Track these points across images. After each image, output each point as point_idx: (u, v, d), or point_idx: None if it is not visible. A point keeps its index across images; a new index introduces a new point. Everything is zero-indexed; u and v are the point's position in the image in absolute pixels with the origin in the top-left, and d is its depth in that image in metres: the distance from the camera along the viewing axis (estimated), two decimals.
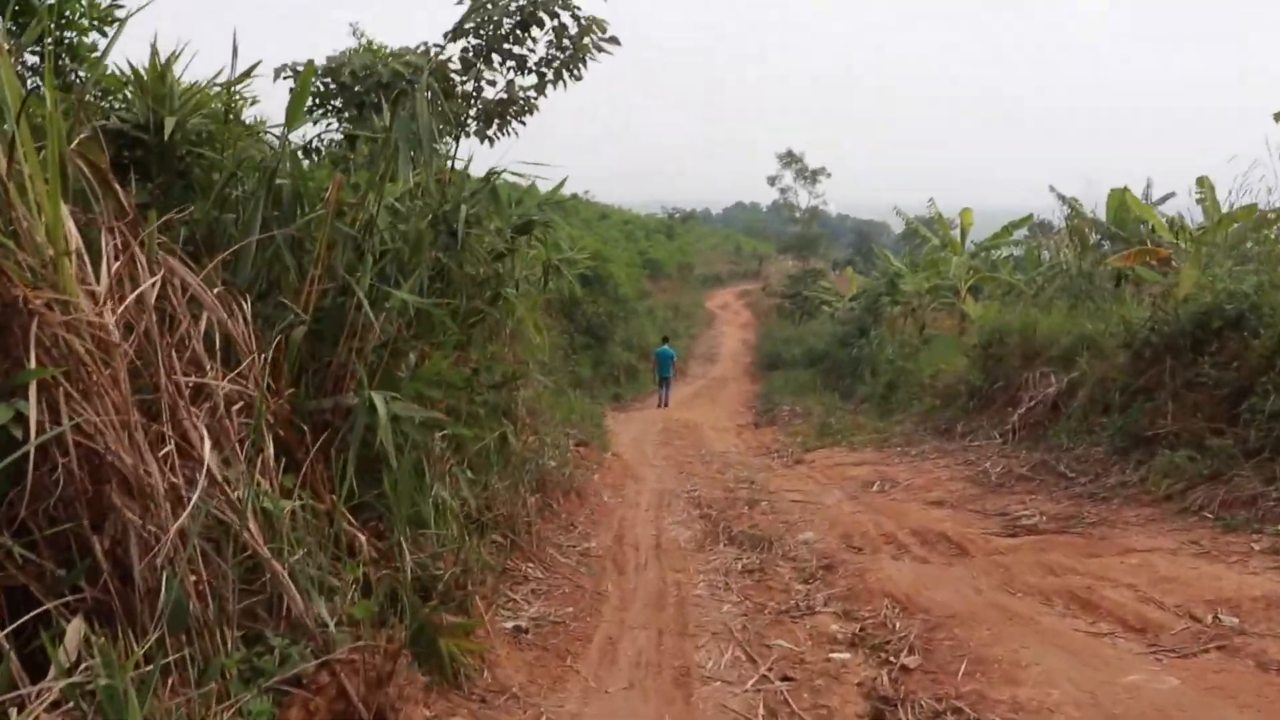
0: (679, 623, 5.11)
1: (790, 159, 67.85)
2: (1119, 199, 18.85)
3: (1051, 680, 3.86)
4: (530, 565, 5.63)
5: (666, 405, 20.48)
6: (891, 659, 4.39)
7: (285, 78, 7.37)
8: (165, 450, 2.88)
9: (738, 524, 8.20)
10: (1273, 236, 11.04)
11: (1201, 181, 13.90)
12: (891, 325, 22.22)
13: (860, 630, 4.91)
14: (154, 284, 3.06)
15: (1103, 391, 9.09)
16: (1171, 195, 18.49)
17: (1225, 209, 12.48)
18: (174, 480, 2.84)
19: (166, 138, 4.13)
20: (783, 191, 68.42)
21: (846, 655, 4.58)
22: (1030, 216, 19.07)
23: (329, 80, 7.55)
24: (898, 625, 4.89)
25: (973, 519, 7.55)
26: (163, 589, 2.63)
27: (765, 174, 66.79)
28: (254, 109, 5.06)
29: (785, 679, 4.26)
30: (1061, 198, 19.65)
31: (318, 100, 7.60)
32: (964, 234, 19.44)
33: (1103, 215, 19.12)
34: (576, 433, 11.16)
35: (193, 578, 2.75)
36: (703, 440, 15.78)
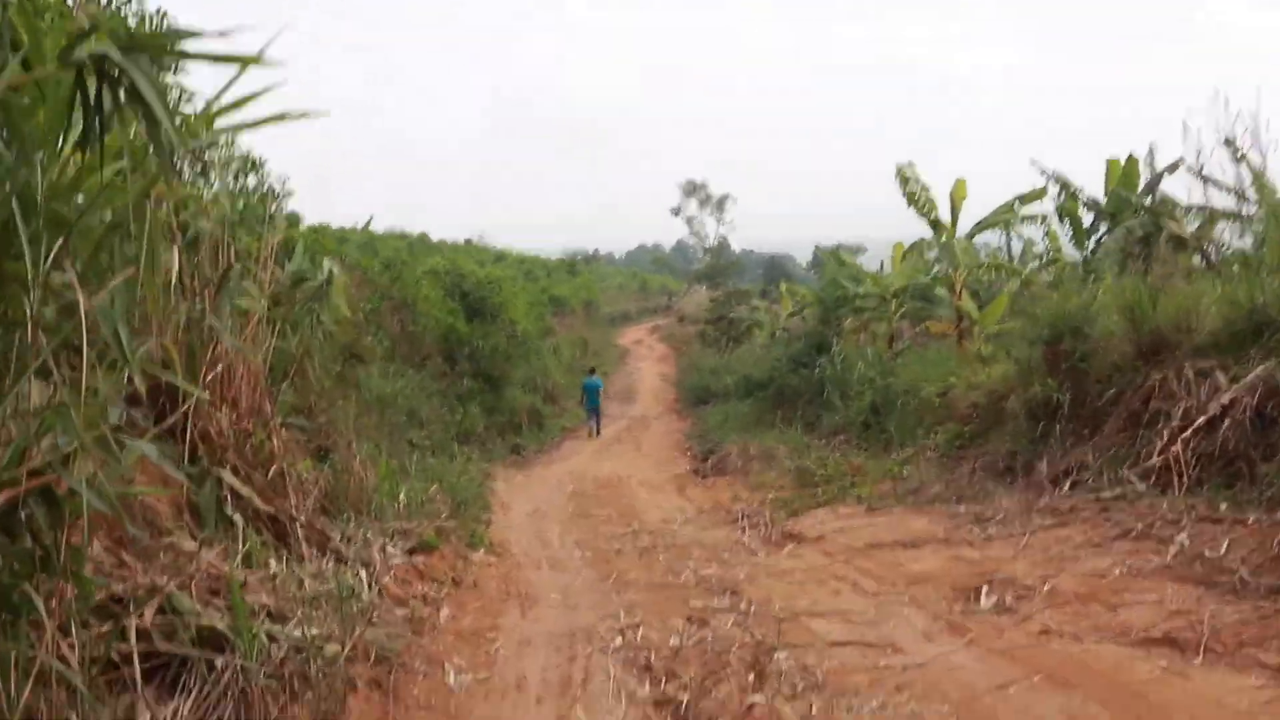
0: None
1: (694, 188, 65.01)
2: (1119, 169, 15.28)
3: None
4: None
5: (599, 435, 20.35)
6: None
7: None
8: None
9: None
10: None
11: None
12: (849, 339, 18.04)
13: None
14: None
15: None
16: (1179, 163, 14.67)
17: None
18: None
19: None
20: (689, 221, 65.55)
21: None
22: (1044, 190, 14.95)
23: None
24: None
25: None
26: None
27: (668, 207, 64.37)
28: None
29: None
30: (1044, 173, 15.89)
31: None
32: (956, 212, 15.20)
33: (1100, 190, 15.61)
34: (418, 528, 6.31)
35: None
36: (633, 505, 11.04)
